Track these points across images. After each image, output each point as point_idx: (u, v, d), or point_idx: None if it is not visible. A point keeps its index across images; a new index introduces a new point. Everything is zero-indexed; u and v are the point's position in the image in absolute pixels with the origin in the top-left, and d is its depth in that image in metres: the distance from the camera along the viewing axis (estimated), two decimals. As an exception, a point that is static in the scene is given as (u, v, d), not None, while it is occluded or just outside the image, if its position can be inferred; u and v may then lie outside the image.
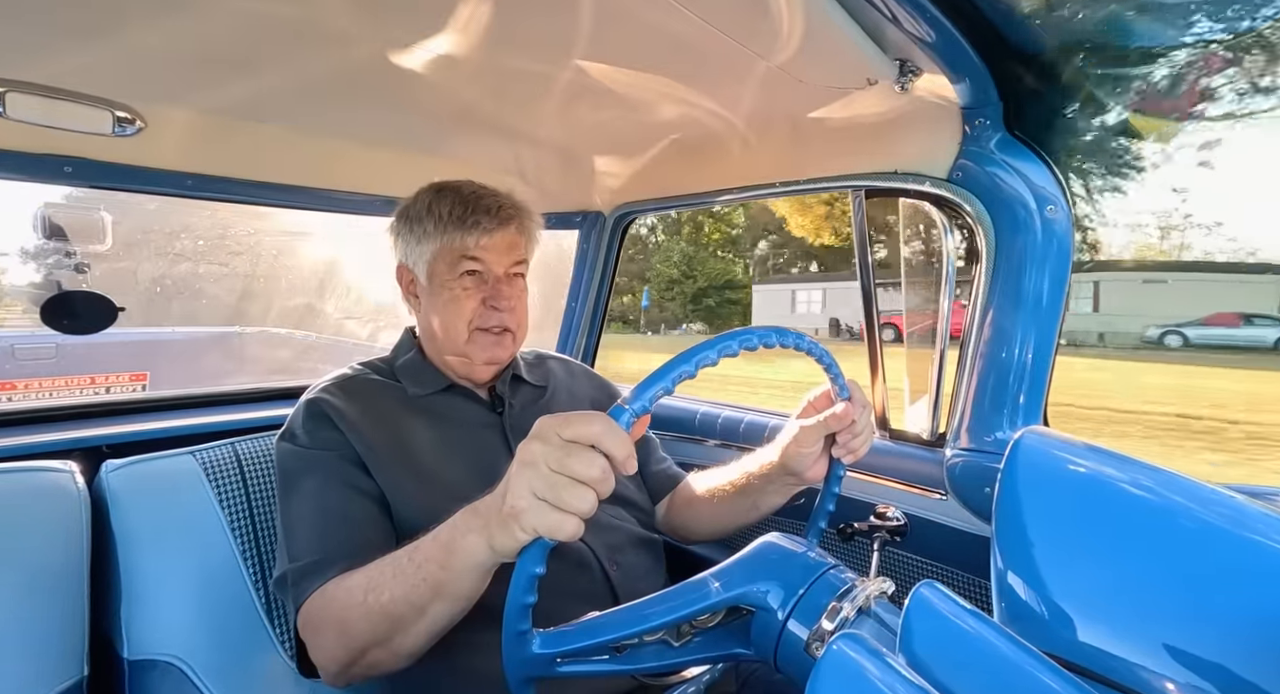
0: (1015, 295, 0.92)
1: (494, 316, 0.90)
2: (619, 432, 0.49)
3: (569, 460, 0.48)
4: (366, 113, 1.04)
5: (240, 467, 0.96)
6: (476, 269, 0.90)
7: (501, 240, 0.91)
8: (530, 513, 0.48)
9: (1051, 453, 0.75)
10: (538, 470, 0.49)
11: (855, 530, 1.00)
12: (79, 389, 3.26)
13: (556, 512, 0.48)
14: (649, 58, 0.83)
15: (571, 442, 0.48)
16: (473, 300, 0.90)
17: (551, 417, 0.51)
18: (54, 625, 0.75)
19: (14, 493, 0.77)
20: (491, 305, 0.90)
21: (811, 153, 1.09)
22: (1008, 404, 0.97)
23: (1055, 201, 0.88)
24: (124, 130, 0.94)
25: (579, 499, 0.48)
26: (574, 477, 0.48)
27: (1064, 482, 0.71)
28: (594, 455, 0.48)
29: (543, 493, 0.48)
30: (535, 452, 0.49)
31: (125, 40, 0.75)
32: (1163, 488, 0.65)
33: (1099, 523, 0.65)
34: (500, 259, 0.91)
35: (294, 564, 0.73)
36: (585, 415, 0.49)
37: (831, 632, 0.54)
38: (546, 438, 0.49)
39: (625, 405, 0.50)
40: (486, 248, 0.90)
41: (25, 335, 3.25)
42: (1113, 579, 0.60)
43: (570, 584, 0.80)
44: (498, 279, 0.91)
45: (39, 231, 1.22)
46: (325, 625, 0.68)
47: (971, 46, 0.70)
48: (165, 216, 4.66)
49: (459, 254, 0.90)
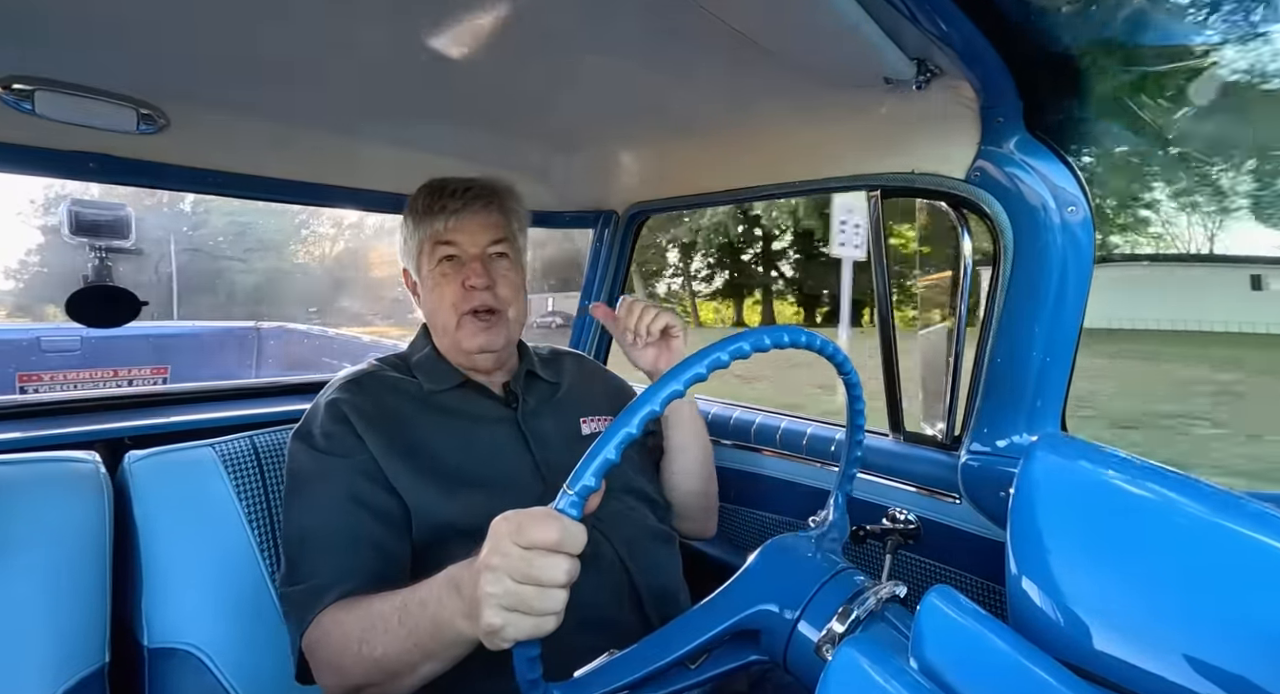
0: (1034, 296, 0.91)
1: (474, 296, 0.91)
2: (572, 528, 0.48)
3: (532, 570, 0.48)
4: (384, 112, 1.05)
5: (258, 459, 0.97)
6: (452, 253, 0.92)
7: (471, 221, 0.92)
8: (508, 627, 0.49)
9: (1070, 458, 0.74)
10: (503, 584, 0.49)
11: (868, 533, 0.99)
12: (102, 381, 3.33)
13: (531, 618, 0.49)
14: (664, 56, 0.83)
15: (530, 549, 0.48)
16: (453, 284, 0.91)
17: (503, 520, 0.51)
18: (77, 612, 0.77)
19: (40, 482, 0.79)
20: (469, 285, 0.90)
21: (827, 152, 1.09)
22: (1025, 407, 0.95)
23: (1076, 202, 0.87)
24: (148, 128, 0.95)
25: (551, 601, 0.48)
26: (540, 584, 0.48)
27: (1082, 487, 0.70)
28: (555, 559, 0.48)
29: (513, 605, 0.48)
30: (496, 564, 0.49)
31: (150, 39, 0.76)
32: (1185, 495, 0.63)
33: (1118, 530, 0.63)
34: (473, 239, 0.92)
35: (294, 588, 0.74)
36: (536, 518, 0.49)
37: (842, 634, 0.54)
38: (505, 551, 0.49)
39: (569, 491, 0.49)
40: (456, 229, 0.91)
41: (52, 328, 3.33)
42: (1132, 588, 0.59)
43: (591, 580, 0.80)
44: (473, 258, 0.92)
45: (67, 228, 1.25)
46: (324, 664, 0.70)
47: (992, 45, 0.69)
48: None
49: (434, 240, 0.92)
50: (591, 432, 1.00)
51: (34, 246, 22.06)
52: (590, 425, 1.01)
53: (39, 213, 20.75)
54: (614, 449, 0.48)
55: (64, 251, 1.66)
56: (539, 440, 0.93)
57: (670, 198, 1.46)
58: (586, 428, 1.00)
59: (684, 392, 0.50)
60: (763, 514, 1.30)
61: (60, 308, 1.25)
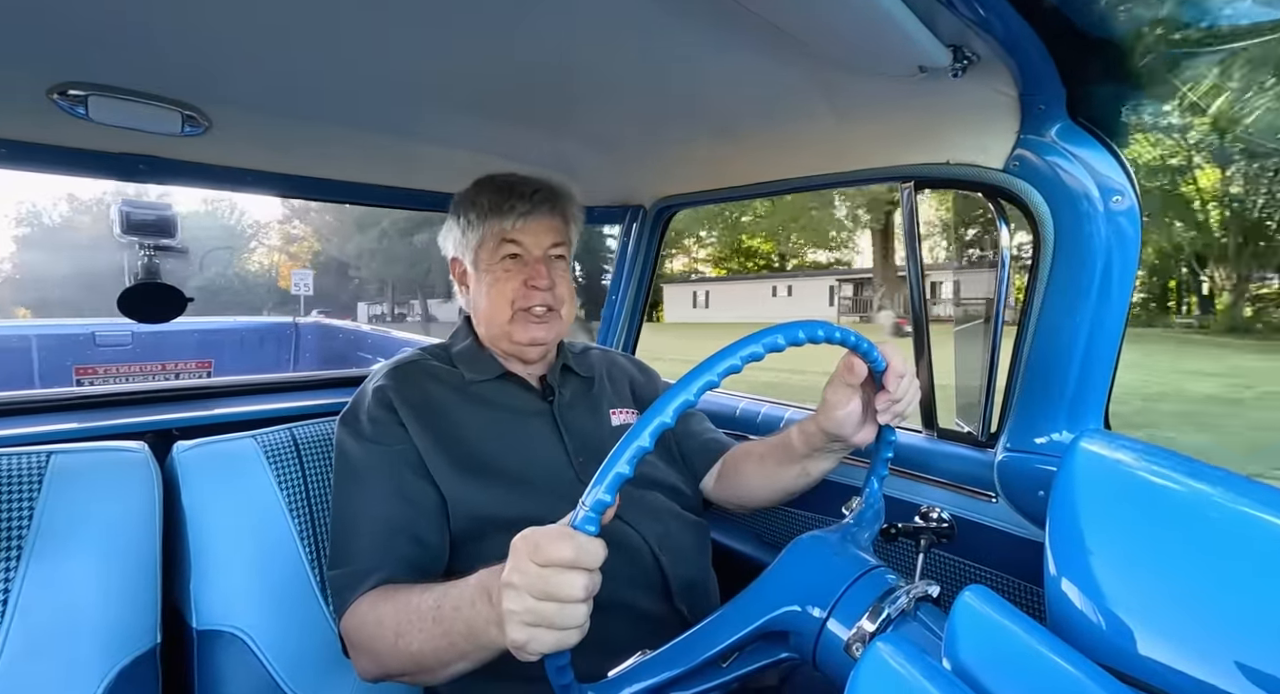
0: (1077, 290, 0.88)
1: (535, 296, 0.93)
2: (588, 545, 0.49)
3: (550, 588, 0.49)
4: (418, 112, 1.07)
5: (297, 450, 1.00)
6: (516, 252, 0.94)
7: (538, 224, 0.94)
8: (532, 642, 0.50)
9: (1112, 456, 0.72)
10: (524, 601, 0.50)
11: (900, 531, 0.97)
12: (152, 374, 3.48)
13: (554, 632, 0.50)
14: (695, 50, 0.82)
15: (547, 567, 0.49)
16: (514, 281, 0.93)
17: (521, 539, 0.52)
18: (130, 595, 0.81)
19: (95, 471, 0.83)
20: (532, 285, 0.93)
21: (859, 143, 1.07)
22: (1065, 404, 0.92)
23: (1122, 191, 0.84)
24: (192, 130, 0.99)
25: (572, 616, 0.49)
26: (559, 600, 0.49)
27: (1125, 486, 0.68)
28: (572, 576, 0.49)
29: (534, 621, 0.50)
30: (516, 582, 0.50)
31: (194, 44, 0.79)
32: (1235, 494, 0.61)
33: (1164, 530, 0.61)
34: (538, 241, 0.94)
35: (337, 571, 0.78)
36: (552, 537, 0.50)
37: (873, 633, 0.53)
38: (524, 569, 0.50)
39: (584, 504, 0.49)
40: (523, 231, 0.93)
41: (106, 324, 3.48)
42: (1179, 590, 0.57)
43: (623, 571, 0.82)
44: (536, 260, 0.94)
45: (118, 227, 1.30)
46: (361, 649, 0.73)
47: (1033, 29, 0.67)
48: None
49: (499, 238, 0.93)
50: (620, 423, 1.02)
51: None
52: (619, 417, 1.03)
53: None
54: (627, 464, 0.49)
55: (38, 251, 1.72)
56: (572, 432, 0.95)
57: (698, 192, 1.46)
58: (616, 419, 1.02)
59: (695, 402, 0.50)
60: (791, 510, 1.29)
61: (29, 310, 1.30)
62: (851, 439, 0.78)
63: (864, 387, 0.75)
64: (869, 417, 0.77)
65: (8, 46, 0.76)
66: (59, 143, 1.01)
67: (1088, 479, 0.69)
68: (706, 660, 0.58)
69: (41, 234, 32.34)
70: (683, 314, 30.65)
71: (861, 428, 0.77)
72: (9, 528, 0.75)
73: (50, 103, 0.87)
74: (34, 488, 0.78)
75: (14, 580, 0.73)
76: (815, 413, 0.81)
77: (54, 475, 0.79)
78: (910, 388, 0.73)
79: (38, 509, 0.77)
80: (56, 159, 1.02)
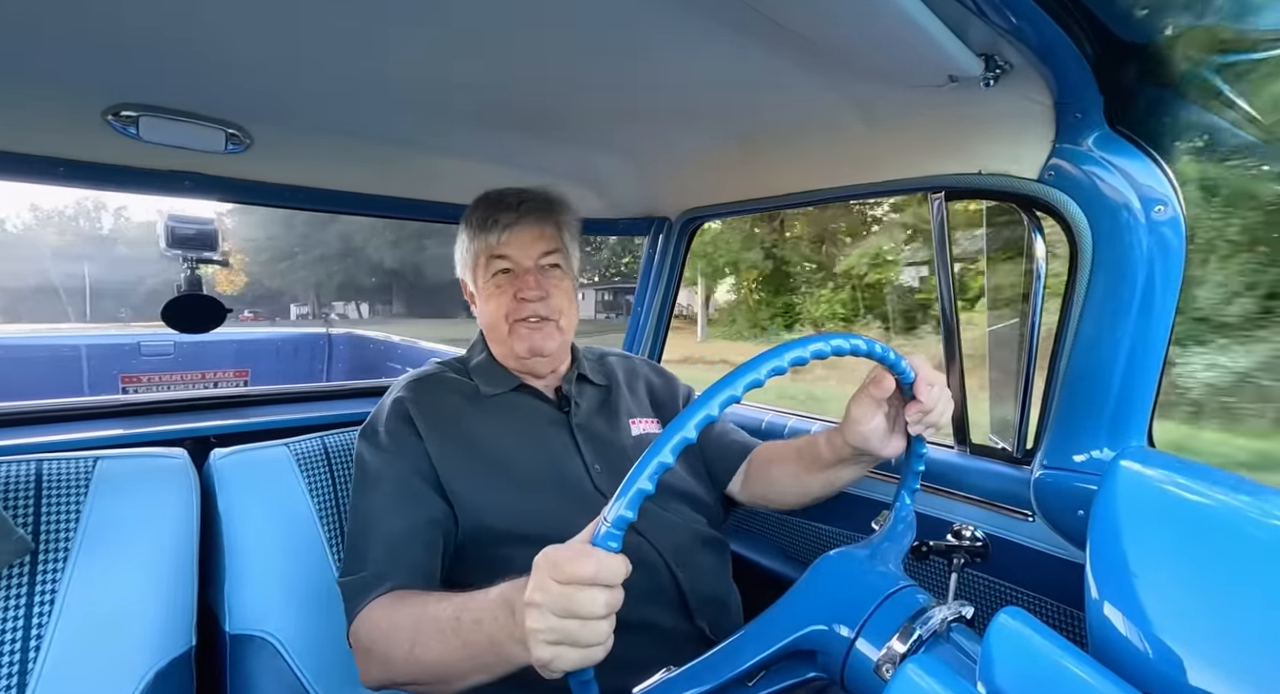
0: (1117, 302, 0.85)
1: (525, 308, 0.93)
2: (609, 562, 0.49)
3: (571, 606, 0.49)
4: (448, 126, 1.09)
5: (328, 459, 1.02)
6: (506, 266, 0.94)
7: (524, 234, 0.94)
8: (557, 660, 0.50)
9: (1157, 474, 0.69)
10: (547, 620, 0.50)
11: (931, 549, 0.95)
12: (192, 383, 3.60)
13: (578, 650, 0.50)
14: (720, 61, 0.82)
15: (568, 585, 0.49)
16: (505, 295, 0.94)
17: (543, 557, 0.52)
18: (168, 598, 0.83)
19: (138, 476, 0.86)
20: (521, 297, 0.93)
21: (887, 154, 1.05)
22: (1106, 420, 0.89)
23: (1165, 201, 0.81)
24: (235, 147, 1.03)
25: (593, 634, 0.49)
26: (580, 617, 0.49)
27: (1171, 506, 0.65)
28: (593, 592, 0.49)
29: (558, 639, 0.50)
30: (539, 601, 0.50)
31: (237, 66, 0.82)
32: (1292, 519, 0.58)
33: (1213, 554, 0.58)
34: (525, 251, 0.94)
35: (350, 577, 0.78)
36: (572, 555, 0.50)
37: (904, 654, 0.52)
38: (545, 587, 0.50)
39: (605, 520, 0.49)
40: (509, 243, 0.93)
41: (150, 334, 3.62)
42: (1230, 618, 0.54)
43: (640, 590, 0.81)
44: (526, 271, 0.94)
45: (164, 241, 1.36)
46: (370, 655, 0.71)
47: (1068, 36, 0.66)
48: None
49: (488, 254, 0.94)
50: (640, 432, 1.01)
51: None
52: (639, 427, 1.01)
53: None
54: (649, 480, 0.49)
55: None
56: (590, 443, 0.94)
57: (725, 203, 1.46)
58: (636, 429, 1.01)
59: (717, 416, 0.50)
60: (817, 525, 1.27)
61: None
62: (881, 452, 0.77)
63: (891, 399, 0.73)
64: (897, 428, 0.75)
65: (69, 72, 0.81)
66: (111, 161, 1.06)
67: (1131, 498, 0.67)
68: (732, 679, 0.57)
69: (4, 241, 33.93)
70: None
71: (889, 440, 0.76)
72: (58, 530, 0.78)
73: (105, 123, 0.91)
74: (81, 492, 0.81)
75: (61, 581, 0.76)
76: (840, 426, 0.80)
77: (100, 481, 0.82)
78: (942, 397, 0.71)
79: (84, 513, 0.80)
80: (109, 176, 1.07)
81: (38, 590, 0.75)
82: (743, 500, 1.03)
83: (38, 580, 0.75)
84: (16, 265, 29.95)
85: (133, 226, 23.21)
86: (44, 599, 0.74)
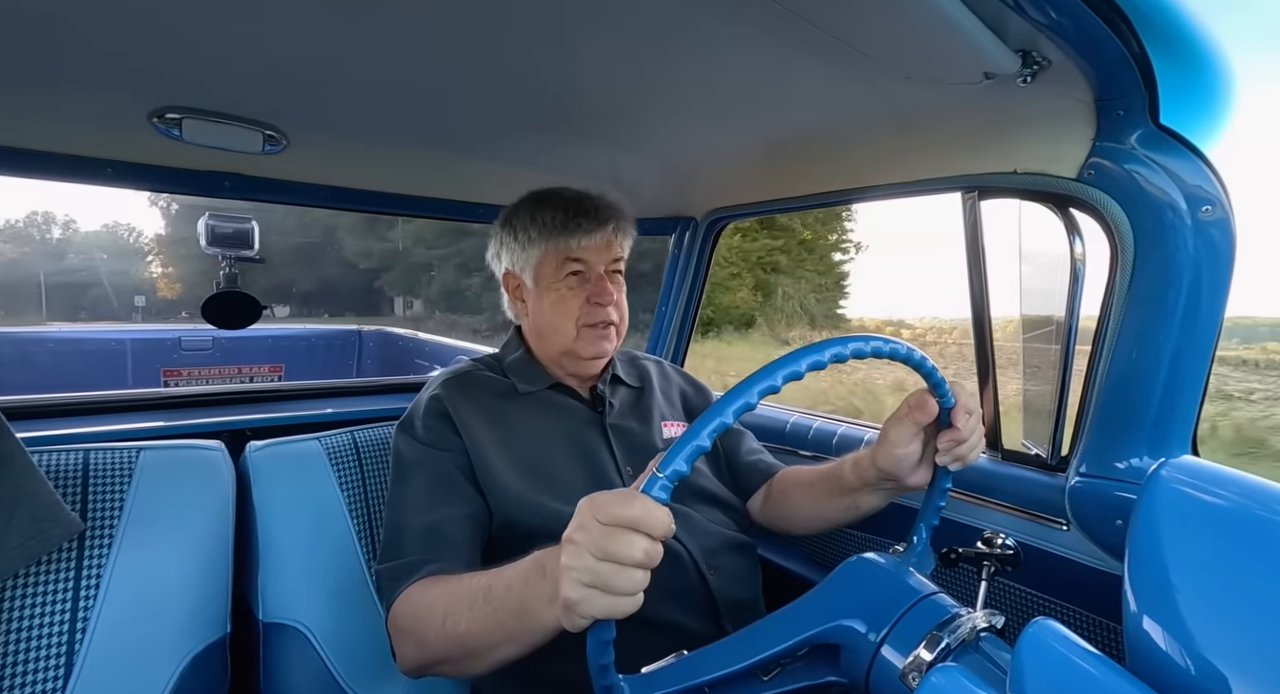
0: (1160, 305, 0.82)
1: (599, 313, 0.94)
2: (654, 510, 0.48)
3: (611, 547, 0.48)
4: (475, 128, 1.11)
5: (358, 454, 1.05)
6: (579, 269, 0.94)
7: (601, 240, 0.94)
8: (584, 603, 0.49)
9: (1199, 485, 0.66)
10: (583, 559, 0.49)
11: (960, 556, 0.93)
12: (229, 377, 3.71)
13: (608, 597, 0.49)
14: (750, 61, 0.82)
15: (610, 526, 0.48)
16: (578, 298, 0.94)
17: (588, 499, 0.51)
18: (205, 585, 0.86)
19: (178, 467, 0.89)
20: (596, 302, 0.94)
21: (919, 153, 1.03)
22: (1146, 428, 0.86)
23: (1212, 201, 0.78)
24: (273, 148, 1.06)
25: (627, 581, 0.48)
26: (618, 562, 0.48)
27: (1216, 518, 0.63)
28: (634, 537, 0.48)
29: (590, 581, 0.49)
30: (578, 539, 0.50)
31: (276, 68, 0.85)
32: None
33: (1260, 569, 0.56)
34: (600, 257, 0.95)
35: (386, 565, 0.79)
36: (621, 497, 0.49)
37: (930, 662, 0.51)
38: (587, 526, 0.50)
39: (659, 473, 0.48)
40: (587, 248, 0.94)
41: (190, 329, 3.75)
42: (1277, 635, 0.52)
43: (668, 588, 0.81)
44: (599, 277, 0.95)
45: (204, 240, 1.40)
46: (406, 633, 0.72)
47: (1111, 30, 0.64)
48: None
49: (564, 256, 0.94)
50: (671, 434, 1.01)
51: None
52: (670, 429, 1.02)
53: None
54: (707, 437, 0.48)
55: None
56: (622, 442, 0.96)
57: (751, 204, 1.45)
58: (668, 431, 1.02)
59: (779, 387, 0.50)
60: (846, 530, 1.25)
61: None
62: (906, 481, 0.76)
63: (927, 428, 0.72)
64: (926, 458, 0.74)
65: (118, 77, 0.84)
66: (154, 162, 1.10)
67: (1172, 508, 0.64)
68: (748, 668, 0.57)
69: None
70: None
71: (918, 470, 0.75)
72: (104, 517, 0.81)
73: (150, 126, 0.95)
74: (125, 481, 0.84)
75: (106, 566, 0.79)
76: (873, 447, 0.78)
77: (143, 470, 0.86)
78: (977, 429, 0.70)
79: (128, 500, 0.83)
80: (152, 177, 1.11)
81: (84, 575, 0.78)
82: (759, 521, 1.02)
83: (84, 565, 0.78)
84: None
85: (80, 236, 25.08)
86: (90, 583, 0.78)
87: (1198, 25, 0.64)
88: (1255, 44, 0.68)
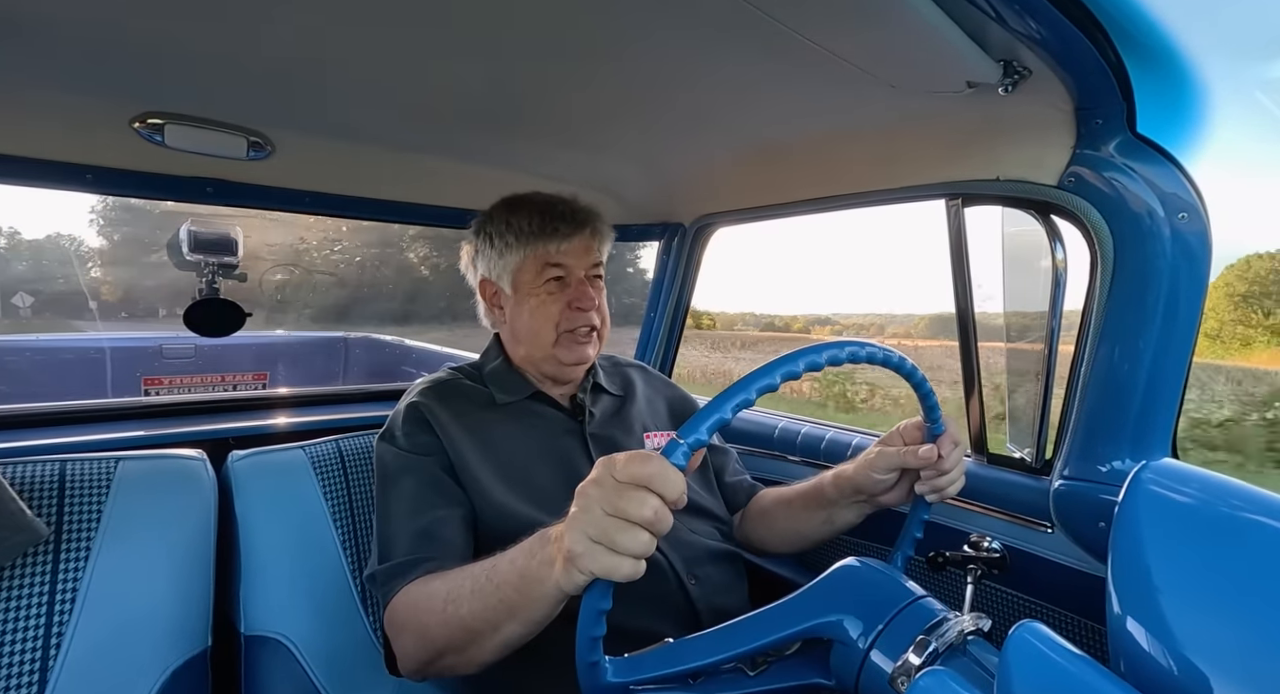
0: (1139, 310, 0.84)
1: (581, 317, 0.93)
2: (671, 472, 0.48)
3: (621, 502, 0.48)
4: (459, 132, 1.10)
5: (343, 463, 1.03)
6: (559, 274, 0.94)
7: (579, 244, 0.94)
8: (586, 557, 0.49)
9: (1181, 487, 0.68)
10: (592, 513, 0.49)
11: (947, 560, 0.93)
12: (212, 385, 3.65)
13: (612, 554, 0.48)
14: (734, 67, 0.82)
15: (624, 482, 0.48)
16: (558, 304, 0.93)
17: (607, 458, 0.51)
18: (185, 599, 0.84)
19: (158, 477, 0.88)
20: (577, 307, 0.93)
21: (904, 160, 1.05)
22: (1128, 430, 0.87)
23: (1188, 208, 0.79)
24: (256, 154, 1.05)
25: (633, 540, 0.48)
26: (627, 519, 0.48)
27: (1197, 519, 0.64)
28: (646, 496, 0.48)
29: (596, 536, 0.48)
30: (590, 494, 0.50)
31: (259, 73, 0.84)
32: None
33: (1240, 569, 0.57)
34: (580, 262, 0.94)
35: (385, 565, 0.78)
36: (639, 456, 0.49)
37: (919, 666, 0.51)
38: (601, 480, 0.50)
39: (680, 439, 0.48)
40: (567, 253, 0.93)
41: (172, 337, 3.69)
42: (1258, 635, 0.53)
43: (647, 598, 0.80)
44: (579, 281, 0.94)
45: (186, 247, 1.38)
46: (407, 627, 0.71)
47: (1089, 41, 0.65)
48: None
49: (544, 261, 0.93)
50: (655, 447, 1.00)
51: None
52: (654, 440, 1.01)
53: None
54: (730, 411, 0.49)
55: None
56: (602, 452, 0.93)
57: (739, 209, 1.45)
58: (650, 442, 1.00)
59: (800, 373, 0.52)
60: None
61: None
62: (877, 498, 0.80)
63: (909, 459, 0.74)
64: (903, 483, 0.78)
65: (98, 81, 0.83)
66: (136, 168, 1.08)
67: (1155, 510, 0.65)
68: (735, 657, 0.57)
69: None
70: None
71: (890, 493, 0.79)
72: (80, 529, 0.79)
73: (132, 131, 0.93)
74: (103, 492, 0.82)
75: (82, 579, 0.77)
76: (858, 461, 0.80)
77: (121, 481, 0.84)
78: (959, 463, 0.72)
79: (105, 512, 0.81)
80: (134, 183, 1.09)
81: (59, 588, 0.76)
82: (738, 540, 1.02)
83: (59, 579, 0.76)
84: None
85: (24, 244, 25.05)
86: (65, 597, 0.76)
87: (1173, 37, 0.65)
88: (1228, 55, 0.69)
